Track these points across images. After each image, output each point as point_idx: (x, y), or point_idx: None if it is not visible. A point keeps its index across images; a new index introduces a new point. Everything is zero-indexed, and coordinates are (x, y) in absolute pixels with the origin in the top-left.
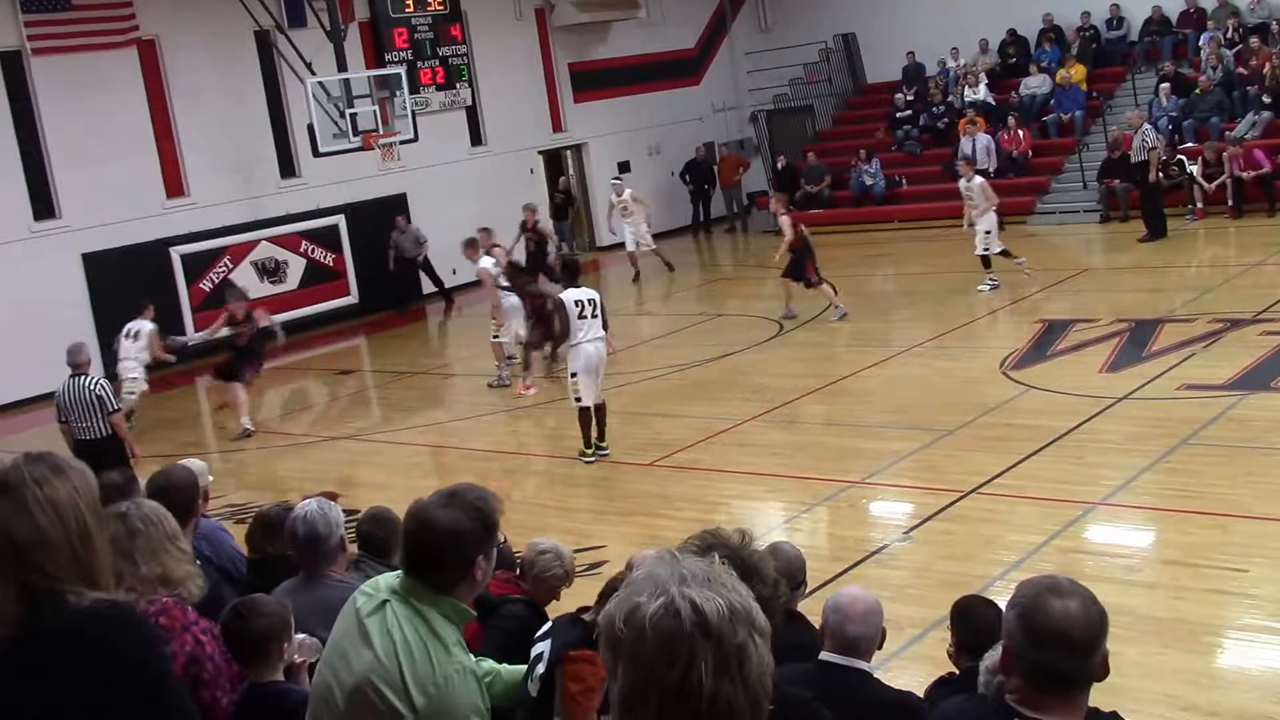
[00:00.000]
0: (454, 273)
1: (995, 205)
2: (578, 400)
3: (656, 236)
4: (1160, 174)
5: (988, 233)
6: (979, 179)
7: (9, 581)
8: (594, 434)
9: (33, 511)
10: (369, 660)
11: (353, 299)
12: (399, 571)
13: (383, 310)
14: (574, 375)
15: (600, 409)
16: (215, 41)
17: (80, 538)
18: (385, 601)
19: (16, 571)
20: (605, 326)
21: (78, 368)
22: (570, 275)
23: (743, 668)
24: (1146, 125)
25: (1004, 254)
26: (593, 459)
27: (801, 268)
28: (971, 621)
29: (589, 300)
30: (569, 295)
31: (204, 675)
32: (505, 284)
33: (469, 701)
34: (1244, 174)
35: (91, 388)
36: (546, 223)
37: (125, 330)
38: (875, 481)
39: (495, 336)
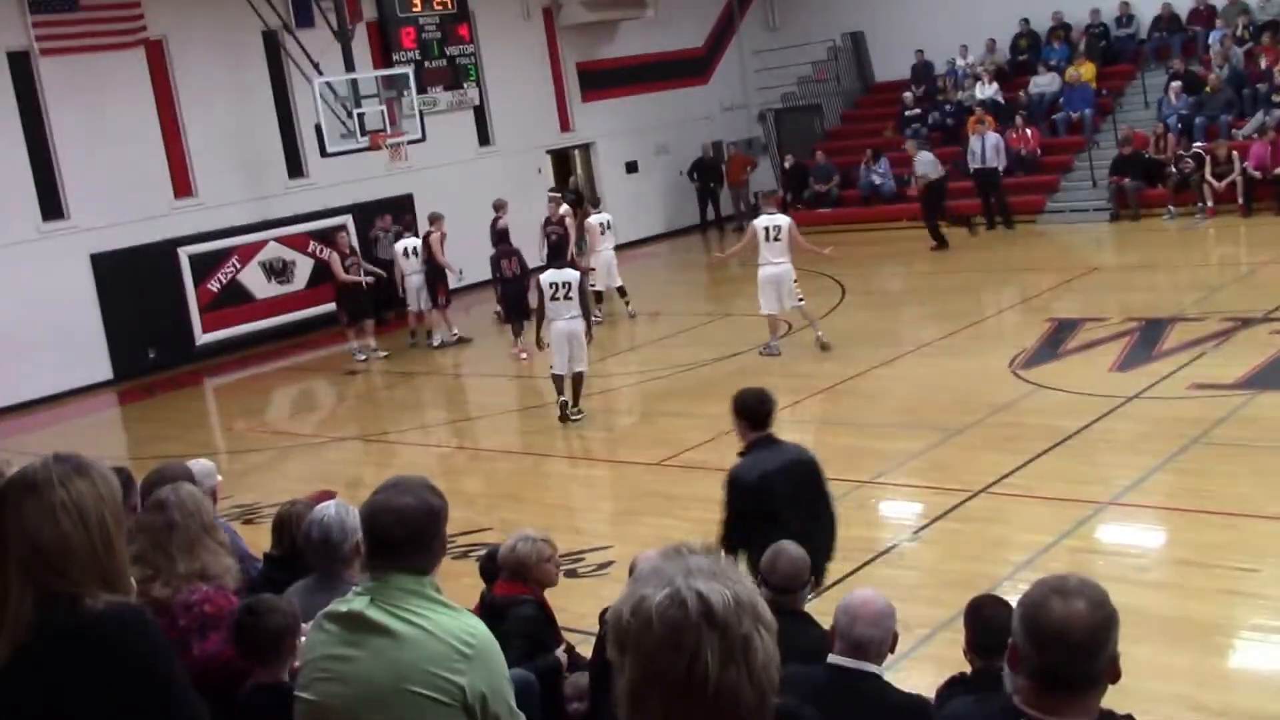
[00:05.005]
0: (460, 274)
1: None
2: (551, 367)
3: (663, 237)
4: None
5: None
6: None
7: (29, 586)
8: (563, 397)
9: (58, 516)
10: (394, 653)
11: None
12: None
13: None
14: (549, 346)
15: (577, 379)
16: (223, 42)
17: (102, 542)
18: (369, 599)
19: (37, 576)
20: (586, 310)
21: None
22: (551, 258)
23: (748, 657)
24: (923, 153)
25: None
26: (579, 416)
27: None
28: (984, 621)
29: (564, 283)
30: (545, 278)
31: None
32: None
33: (496, 648)
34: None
35: None
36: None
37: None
38: (884, 481)
39: (797, 303)
